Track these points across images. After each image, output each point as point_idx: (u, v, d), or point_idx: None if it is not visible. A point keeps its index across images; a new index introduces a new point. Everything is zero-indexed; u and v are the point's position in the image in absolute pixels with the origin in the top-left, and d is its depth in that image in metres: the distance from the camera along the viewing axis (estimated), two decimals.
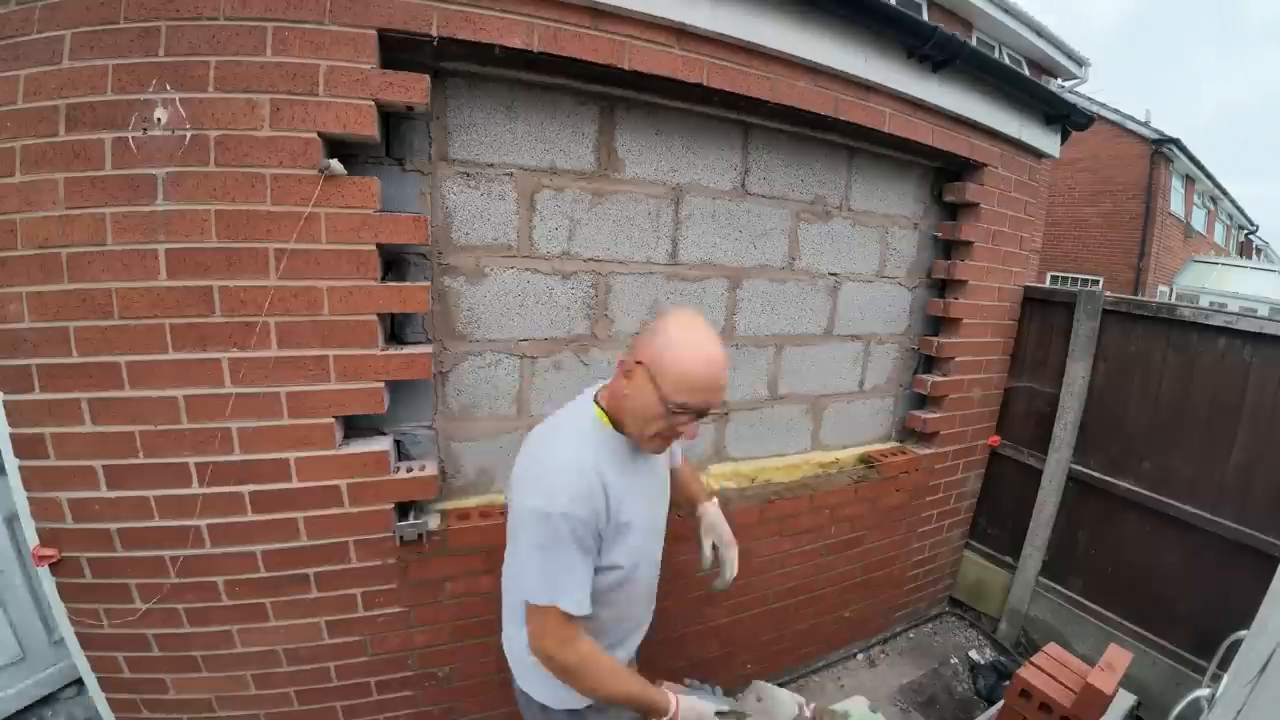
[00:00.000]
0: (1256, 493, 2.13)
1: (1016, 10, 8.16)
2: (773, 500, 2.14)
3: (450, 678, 1.76)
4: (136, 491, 1.34)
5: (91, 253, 1.21)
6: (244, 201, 1.25)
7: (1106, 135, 12.40)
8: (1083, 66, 9.37)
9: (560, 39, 1.42)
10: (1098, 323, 2.54)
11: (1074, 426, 2.62)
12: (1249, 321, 2.16)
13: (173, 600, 1.42)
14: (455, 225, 1.58)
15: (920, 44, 1.90)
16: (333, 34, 1.24)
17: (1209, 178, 14.61)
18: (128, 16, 1.15)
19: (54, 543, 1.34)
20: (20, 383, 1.24)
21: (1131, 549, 2.49)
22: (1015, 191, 2.49)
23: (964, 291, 2.45)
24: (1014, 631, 2.88)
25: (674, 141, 1.81)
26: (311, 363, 1.36)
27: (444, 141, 1.52)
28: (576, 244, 1.74)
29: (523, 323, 1.72)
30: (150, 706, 1.50)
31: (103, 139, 1.18)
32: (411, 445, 1.64)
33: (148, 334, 1.26)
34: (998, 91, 2.24)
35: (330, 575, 1.52)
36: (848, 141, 2.11)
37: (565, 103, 1.63)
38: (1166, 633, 2.37)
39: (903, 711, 2.44)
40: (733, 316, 2.06)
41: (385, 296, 1.39)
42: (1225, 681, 1.23)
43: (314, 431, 1.40)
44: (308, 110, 1.24)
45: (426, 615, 1.66)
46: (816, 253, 2.18)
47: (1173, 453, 2.36)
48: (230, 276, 1.27)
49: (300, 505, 1.44)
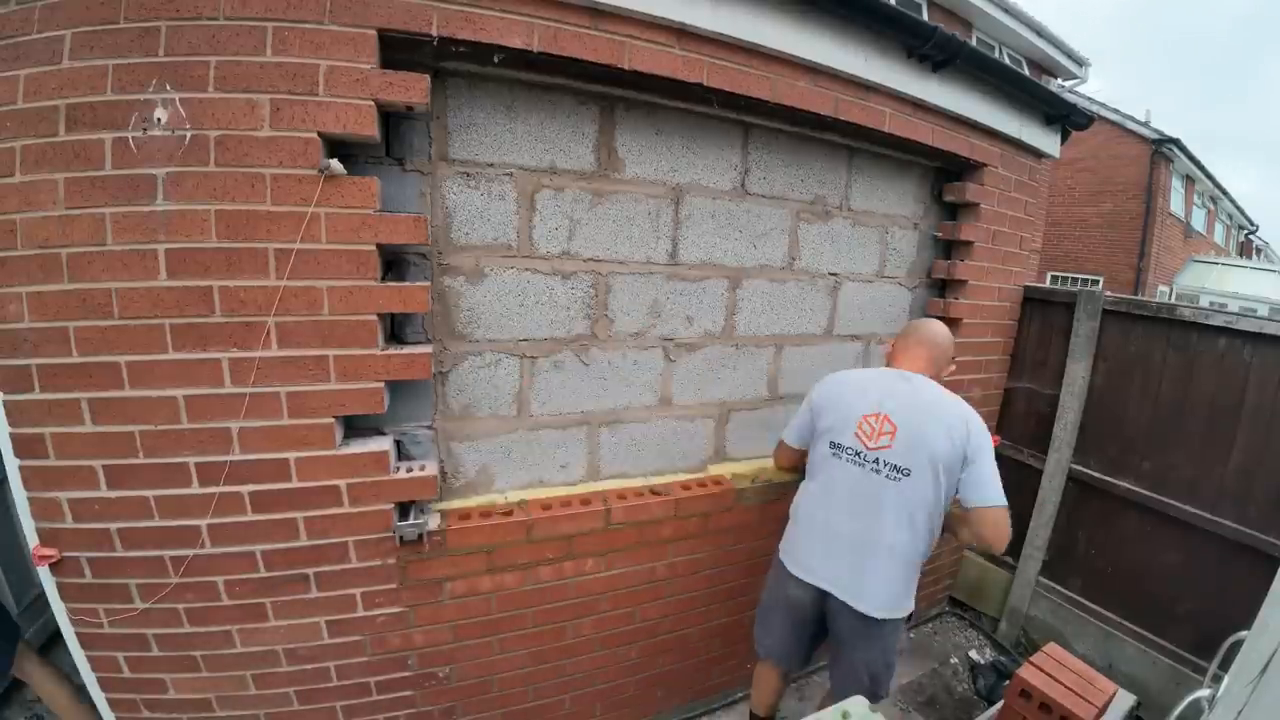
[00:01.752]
0: (1256, 493, 2.13)
1: (1016, 10, 8.16)
2: (774, 500, 2.14)
3: (450, 678, 1.76)
4: (136, 491, 1.34)
5: (91, 253, 1.21)
6: (244, 201, 1.25)
7: (1106, 135, 12.41)
8: (1083, 66, 9.38)
9: (560, 39, 1.42)
10: (1098, 323, 2.54)
11: (1074, 426, 2.62)
12: (1249, 321, 2.16)
13: (173, 600, 1.42)
14: (455, 225, 1.58)
15: (920, 44, 1.90)
16: (333, 34, 1.24)
17: (1209, 178, 14.62)
18: (128, 16, 1.15)
19: (54, 542, 1.34)
20: (20, 383, 1.24)
21: (1131, 549, 2.49)
22: (1015, 191, 2.49)
23: (964, 291, 2.45)
24: (1014, 631, 2.88)
25: (674, 141, 1.81)
26: (311, 363, 1.36)
27: (444, 141, 1.52)
28: (576, 244, 1.74)
29: (523, 323, 1.72)
30: (150, 706, 1.50)
31: (103, 139, 1.18)
32: (412, 445, 1.64)
33: (148, 334, 1.26)
34: (998, 91, 2.24)
35: (330, 575, 1.52)
36: (848, 141, 2.11)
37: (565, 103, 1.63)
38: (1166, 633, 2.37)
39: (903, 711, 2.44)
40: (733, 316, 2.06)
41: (385, 296, 1.39)
42: (1226, 682, 1.23)
43: (314, 431, 1.40)
44: (308, 110, 1.24)
45: (426, 615, 1.66)
46: (816, 253, 2.19)
47: (1173, 453, 2.36)
48: (230, 276, 1.27)
49: (300, 505, 1.44)
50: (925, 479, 1.52)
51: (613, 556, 1.88)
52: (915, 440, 1.53)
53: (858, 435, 1.61)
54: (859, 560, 1.60)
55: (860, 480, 1.59)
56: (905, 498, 1.54)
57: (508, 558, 1.72)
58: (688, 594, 2.09)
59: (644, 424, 1.99)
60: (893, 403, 1.59)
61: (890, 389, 1.62)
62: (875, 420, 1.59)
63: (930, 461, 1.51)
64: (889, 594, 1.59)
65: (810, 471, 1.75)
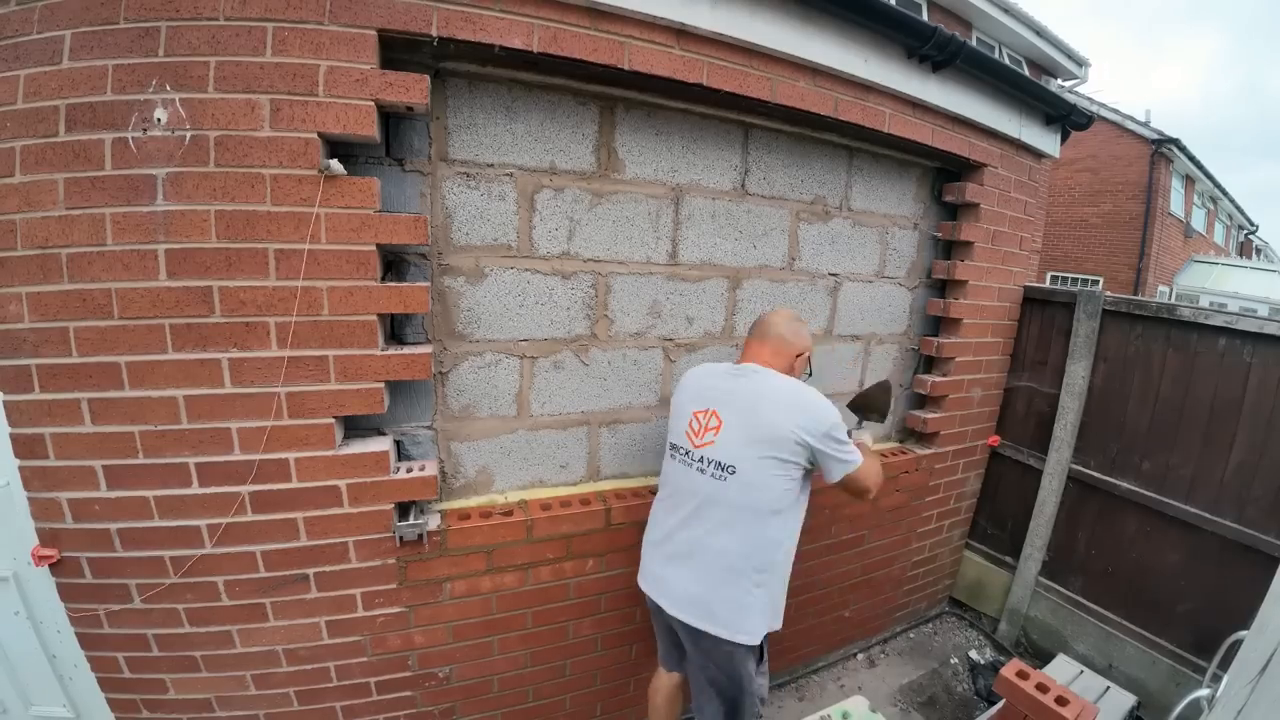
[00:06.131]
0: (1256, 493, 2.13)
1: (1016, 10, 8.17)
2: None
3: (450, 678, 1.76)
4: (136, 491, 1.34)
5: (91, 253, 1.21)
6: (244, 202, 1.25)
7: (1106, 135, 12.40)
8: (1083, 66, 9.38)
9: (560, 39, 1.42)
10: (1098, 323, 2.54)
11: (1074, 426, 2.62)
12: (1249, 321, 2.16)
13: (173, 600, 1.42)
14: (455, 225, 1.58)
15: (920, 44, 1.90)
16: (332, 34, 1.24)
17: (1209, 178, 14.61)
18: (128, 16, 1.15)
19: (54, 543, 1.34)
20: (20, 383, 1.24)
21: (1132, 549, 2.49)
22: (1015, 192, 2.49)
23: (964, 291, 2.45)
24: (1014, 631, 2.88)
25: (674, 142, 1.81)
26: (311, 363, 1.36)
27: (444, 141, 1.52)
28: (576, 244, 1.74)
29: (523, 323, 1.72)
30: (150, 706, 1.50)
31: (103, 139, 1.18)
32: (411, 445, 1.64)
33: (148, 334, 1.26)
34: (997, 92, 2.24)
35: (330, 575, 1.52)
36: (847, 142, 2.11)
37: (565, 103, 1.63)
38: (1166, 633, 2.37)
39: (903, 711, 2.44)
40: (733, 317, 2.06)
41: (385, 297, 1.39)
42: (1226, 682, 1.23)
43: (314, 432, 1.40)
44: (308, 110, 1.24)
45: (426, 615, 1.66)
46: (816, 253, 2.19)
47: (1173, 452, 2.36)
48: (230, 276, 1.27)
49: (300, 505, 1.44)
50: (756, 477, 1.39)
51: (613, 557, 1.88)
52: (741, 435, 1.41)
53: (687, 433, 1.51)
54: (685, 567, 1.48)
55: (688, 480, 1.49)
56: (730, 499, 1.41)
57: (507, 558, 1.72)
58: None
59: (644, 424, 1.99)
60: (721, 397, 1.48)
61: (721, 384, 1.51)
62: (704, 416, 1.48)
63: (759, 457, 1.39)
64: (718, 607, 1.43)
65: (660, 479, 1.65)
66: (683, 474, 1.51)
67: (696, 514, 1.47)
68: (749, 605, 1.44)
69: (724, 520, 1.43)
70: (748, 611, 1.44)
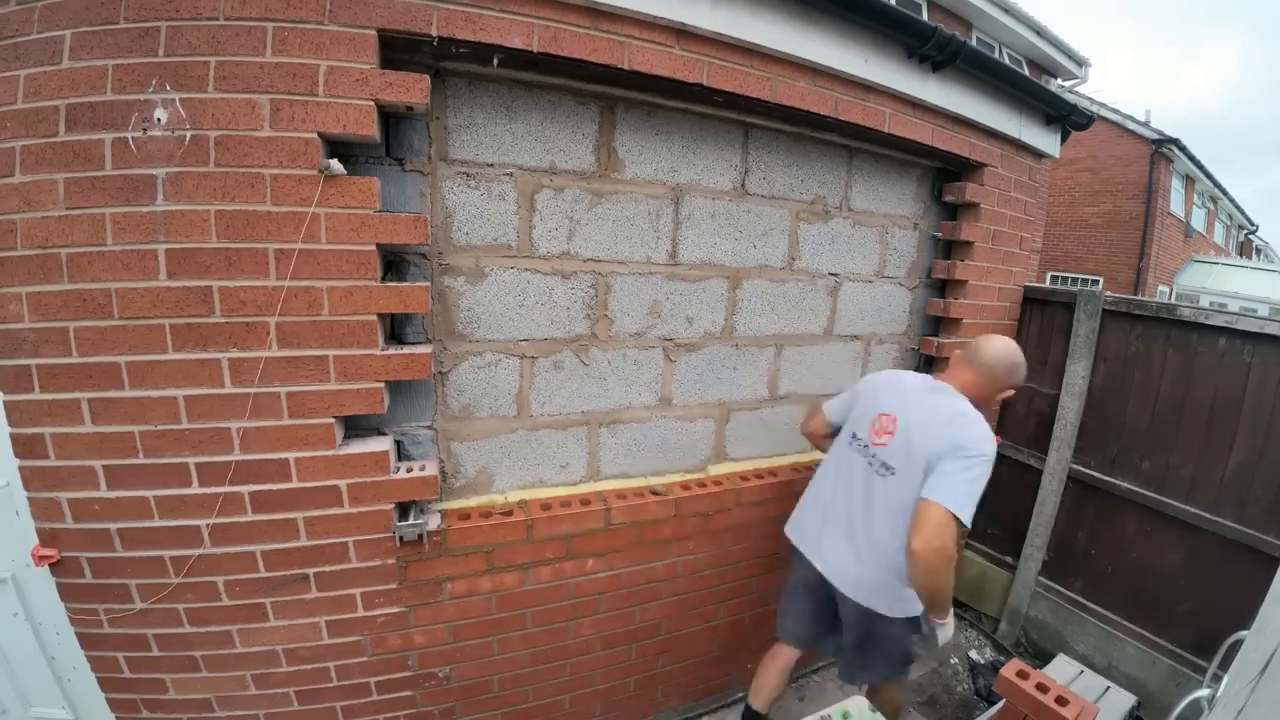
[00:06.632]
0: (1256, 492, 2.13)
1: (1016, 10, 8.16)
2: (774, 501, 2.14)
3: (450, 678, 1.76)
4: (136, 491, 1.34)
5: (91, 253, 1.21)
6: (244, 202, 1.25)
7: (1106, 135, 12.40)
8: (1083, 66, 9.38)
9: (560, 39, 1.42)
10: (1098, 323, 2.54)
11: (1074, 426, 2.62)
12: (1249, 321, 2.16)
13: (173, 600, 1.42)
14: (455, 225, 1.58)
15: (920, 44, 1.90)
16: (332, 34, 1.24)
17: (1209, 178, 14.60)
18: (128, 16, 1.15)
19: (54, 543, 1.34)
20: (20, 383, 1.25)
21: (1132, 549, 2.49)
22: (1015, 191, 2.49)
23: (964, 291, 2.45)
24: (1014, 631, 2.88)
25: (674, 141, 1.81)
26: (311, 363, 1.36)
27: (444, 141, 1.52)
28: (576, 244, 1.74)
29: (523, 323, 1.72)
30: (150, 706, 1.50)
31: (103, 139, 1.18)
32: (412, 445, 1.64)
33: (148, 334, 1.26)
34: (998, 91, 2.24)
35: (330, 575, 1.52)
36: (847, 141, 2.11)
37: (565, 103, 1.63)
38: (1166, 633, 2.37)
39: (903, 711, 2.44)
40: (732, 316, 2.06)
41: (385, 296, 1.39)
42: (1226, 682, 1.23)
43: (314, 431, 1.40)
44: (308, 110, 1.24)
45: (426, 615, 1.66)
46: (816, 253, 2.19)
47: (1173, 452, 2.36)
48: (230, 276, 1.27)
49: (300, 505, 1.44)
50: (908, 483, 1.54)
51: (613, 556, 1.88)
52: (908, 444, 1.58)
53: (870, 429, 1.70)
54: (848, 542, 1.68)
55: (862, 469, 1.68)
56: (888, 495, 1.60)
57: (508, 558, 1.72)
58: (688, 594, 2.09)
59: (644, 424, 1.99)
60: (907, 407, 1.64)
61: (913, 395, 1.67)
62: (886, 419, 1.66)
63: (914, 467, 1.54)
64: (873, 584, 1.63)
65: (831, 452, 1.85)
66: (859, 464, 1.70)
67: (867, 502, 1.65)
68: (903, 593, 1.61)
69: (883, 514, 1.61)
70: (902, 597, 1.62)
